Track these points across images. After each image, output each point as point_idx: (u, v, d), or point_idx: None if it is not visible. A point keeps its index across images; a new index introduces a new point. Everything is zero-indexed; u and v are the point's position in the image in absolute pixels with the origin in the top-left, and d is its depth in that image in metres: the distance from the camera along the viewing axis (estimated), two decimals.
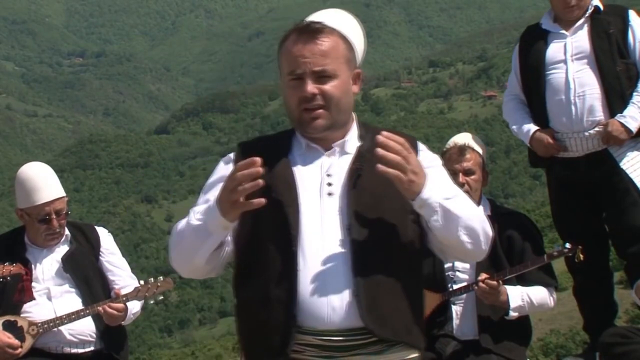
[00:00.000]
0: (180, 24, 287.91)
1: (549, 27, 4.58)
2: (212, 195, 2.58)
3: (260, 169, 2.38)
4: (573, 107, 4.44)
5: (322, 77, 2.53)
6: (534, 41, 4.60)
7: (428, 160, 2.63)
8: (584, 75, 4.44)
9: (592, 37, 4.45)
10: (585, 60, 4.44)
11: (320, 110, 2.54)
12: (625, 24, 4.48)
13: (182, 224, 2.62)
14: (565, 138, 4.49)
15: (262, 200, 2.40)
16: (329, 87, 2.53)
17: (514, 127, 4.69)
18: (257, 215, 2.51)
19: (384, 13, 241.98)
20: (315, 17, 2.70)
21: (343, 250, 2.48)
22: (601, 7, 4.52)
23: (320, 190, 2.55)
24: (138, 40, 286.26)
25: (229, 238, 2.61)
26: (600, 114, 4.43)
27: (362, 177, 2.54)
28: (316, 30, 2.55)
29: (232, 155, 2.69)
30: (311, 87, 2.52)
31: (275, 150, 2.62)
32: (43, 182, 4.22)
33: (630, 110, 4.38)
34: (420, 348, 2.59)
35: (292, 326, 2.46)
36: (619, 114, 4.38)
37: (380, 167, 2.39)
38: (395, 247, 2.53)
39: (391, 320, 2.48)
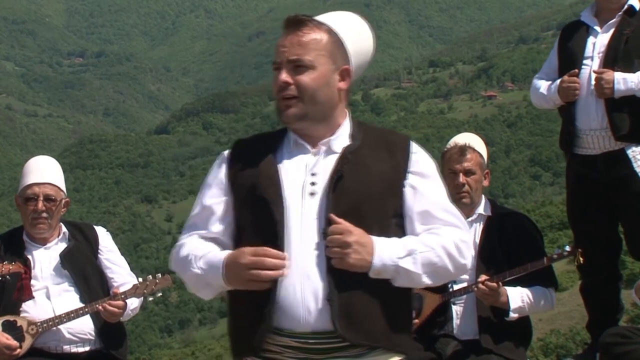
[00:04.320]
0: (180, 24, 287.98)
1: (587, 21, 4.61)
2: (209, 199, 2.63)
3: (286, 262, 2.45)
4: (590, 105, 4.48)
5: (298, 67, 2.55)
6: (572, 35, 4.65)
7: (420, 166, 2.62)
8: None
9: (612, 37, 4.48)
10: (603, 60, 4.48)
11: (293, 100, 2.55)
12: None
13: (182, 252, 2.63)
14: (583, 135, 4.52)
15: (281, 272, 2.44)
16: (303, 77, 2.54)
17: (542, 90, 4.68)
18: (243, 212, 2.57)
19: (384, 13, 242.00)
20: (320, 16, 2.71)
21: (318, 253, 2.49)
22: (637, 8, 4.52)
23: (302, 190, 2.54)
24: (138, 40, 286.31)
25: None
26: (602, 113, 4.46)
27: (343, 179, 2.52)
28: (299, 22, 2.58)
29: (226, 153, 2.70)
30: (284, 75, 2.55)
31: (266, 147, 2.63)
32: (39, 167, 4.26)
33: (629, 76, 4.38)
34: (406, 353, 2.57)
35: (267, 326, 2.48)
36: (621, 72, 4.38)
37: (329, 250, 2.44)
38: None
39: (366, 325, 2.48)
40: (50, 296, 4.17)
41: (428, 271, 2.51)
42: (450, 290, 4.09)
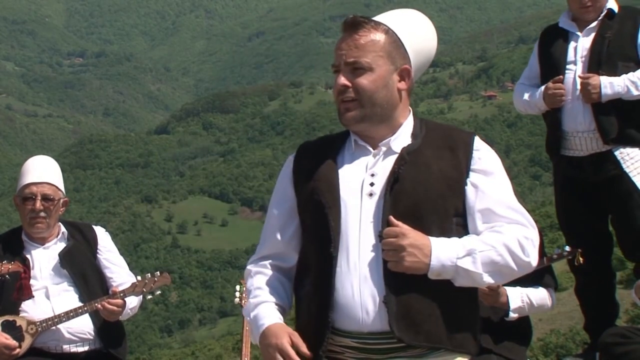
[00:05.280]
0: (180, 24, 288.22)
1: (565, 26, 4.62)
2: (276, 206, 2.67)
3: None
4: (577, 109, 4.48)
5: (356, 69, 2.53)
6: (552, 40, 4.66)
7: (483, 163, 2.57)
8: None
9: (594, 41, 4.50)
10: (587, 63, 4.50)
11: (352, 103, 2.54)
12: (636, 26, 4.49)
13: (249, 283, 2.69)
14: (570, 137, 4.53)
15: None
16: (361, 79, 2.52)
17: (525, 97, 4.70)
18: (304, 215, 2.60)
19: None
20: (379, 15, 2.68)
21: (376, 254, 2.48)
22: (615, 10, 4.54)
23: (361, 190, 2.53)
24: (138, 40, 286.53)
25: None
26: (589, 117, 4.48)
27: (401, 180, 2.50)
28: (356, 24, 2.55)
29: (291, 157, 2.70)
30: (342, 79, 2.53)
31: (329, 149, 2.63)
32: (37, 167, 4.26)
33: (615, 79, 4.39)
34: (470, 353, 2.55)
35: (326, 328, 2.48)
36: (607, 76, 4.40)
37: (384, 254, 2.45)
38: None
39: (426, 327, 2.46)
40: (50, 296, 4.17)
41: (489, 270, 2.46)
42: None
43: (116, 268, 4.37)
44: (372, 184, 2.53)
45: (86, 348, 4.18)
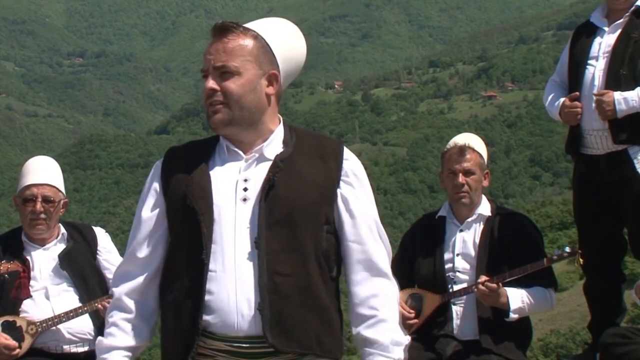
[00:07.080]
0: (180, 24, 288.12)
1: (595, 21, 4.60)
2: (144, 212, 2.65)
3: None
4: (592, 106, 4.45)
5: (224, 73, 2.55)
6: (582, 35, 4.65)
7: (350, 174, 2.63)
8: (604, 74, 4.47)
9: (618, 37, 4.46)
10: (609, 60, 4.46)
11: (220, 106, 2.55)
12: None
13: (109, 312, 2.69)
14: (587, 135, 4.51)
15: None
16: (229, 83, 2.54)
17: (547, 106, 4.70)
18: (175, 222, 2.58)
19: (384, 13, 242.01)
20: (249, 23, 2.70)
21: (251, 260, 2.50)
22: None
23: (235, 196, 2.55)
24: (138, 40, 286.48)
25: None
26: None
27: (275, 188, 2.53)
28: (224, 29, 2.58)
29: (159, 163, 2.69)
30: (211, 83, 2.55)
31: (199, 155, 2.63)
32: (38, 168, 4.27)
33: (629, 94, 4.36)
34: (337, 357, 2.60)
35: (196, 332, 2.49)
36: (620, 92, 4.37)
37: None
38: (307, 259, 2.54)
39: (298, 333, 2.51)
40: (50, 296, 4.17)
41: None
42: (451, 290, 4.10)
43: None
44: (245, 189, 2.55)
45: (86, 348, 4.19)
